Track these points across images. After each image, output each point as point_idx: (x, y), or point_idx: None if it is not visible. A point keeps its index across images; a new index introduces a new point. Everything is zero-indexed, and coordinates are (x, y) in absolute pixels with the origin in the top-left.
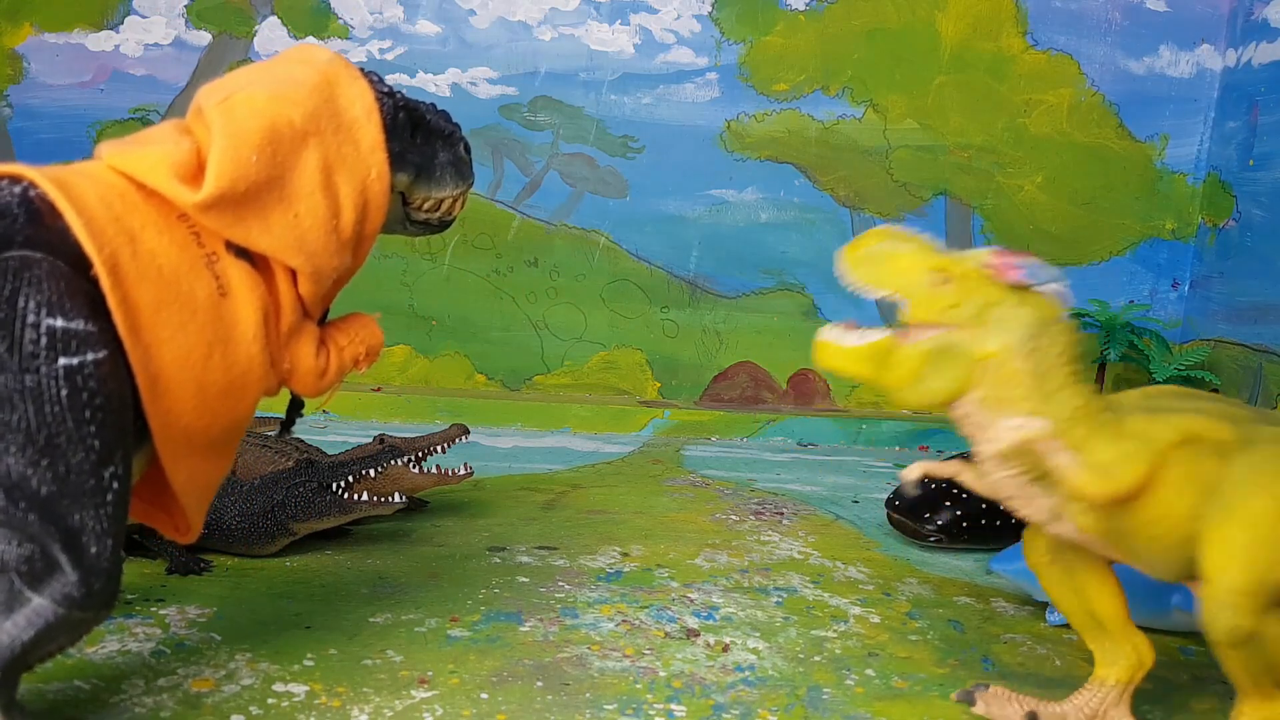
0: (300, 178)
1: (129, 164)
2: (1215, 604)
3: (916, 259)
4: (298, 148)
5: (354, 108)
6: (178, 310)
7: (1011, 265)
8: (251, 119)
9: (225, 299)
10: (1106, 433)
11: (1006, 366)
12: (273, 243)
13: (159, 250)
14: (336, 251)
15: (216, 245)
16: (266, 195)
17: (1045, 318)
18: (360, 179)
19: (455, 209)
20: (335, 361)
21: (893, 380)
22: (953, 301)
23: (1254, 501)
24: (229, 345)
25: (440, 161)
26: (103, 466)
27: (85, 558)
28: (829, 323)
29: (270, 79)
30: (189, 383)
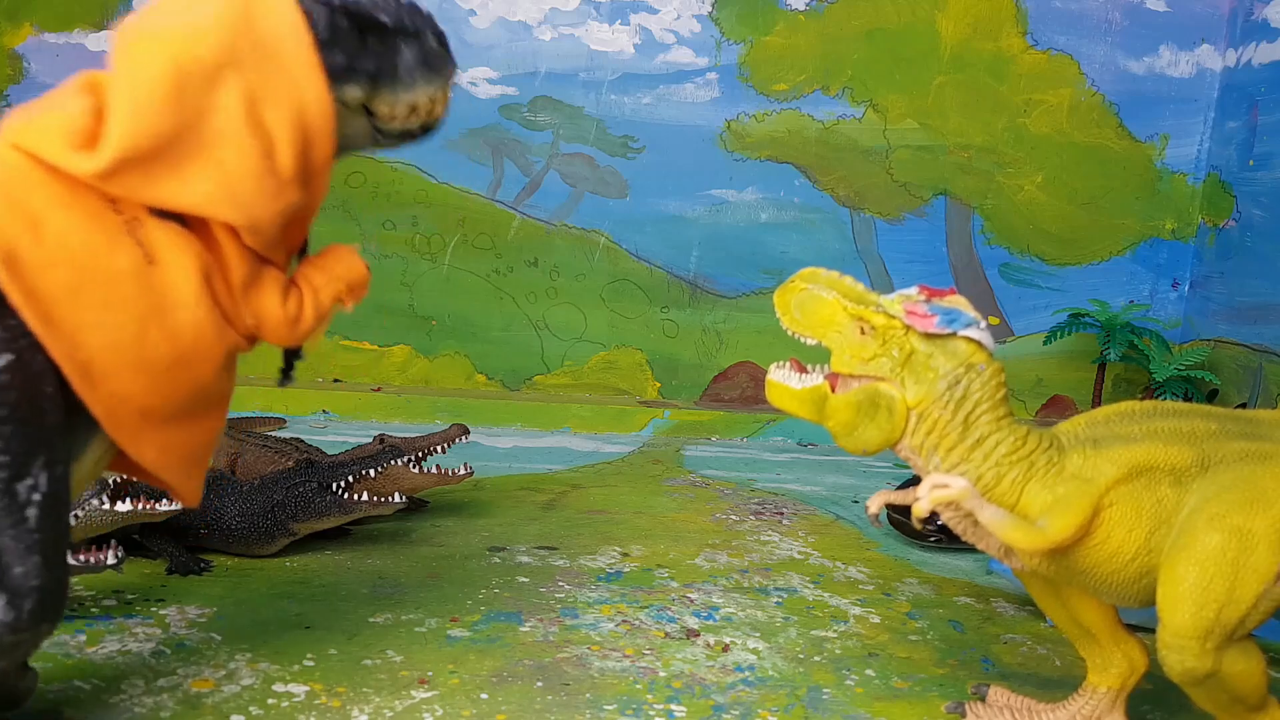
0: (219, 119)
1: (24, 138)
2: (1166, 647)
3: (837, 307)
4: (211, 86)
5: (278, 27)
6: (98, 289)
7: (926, 314)
8: (151, 63)
9: (154, 266)
10: (1044, 476)
11: (929, 416)
12: (195, 199)
13: (68, 228)
14: (276, 193)
15: (136, 210)
16: (179, 147)
17: (965, 365)
18: (294, 107)
19: (437, 110)
20: (311, 305)
21: (830, 427)
22: (874, 353)
23: (1205, 538)
24: (167, 314)
25: (404, 61)
26: (15, 482)
27: (8, 580)
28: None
29: (177, 8)
30: (128, 363)
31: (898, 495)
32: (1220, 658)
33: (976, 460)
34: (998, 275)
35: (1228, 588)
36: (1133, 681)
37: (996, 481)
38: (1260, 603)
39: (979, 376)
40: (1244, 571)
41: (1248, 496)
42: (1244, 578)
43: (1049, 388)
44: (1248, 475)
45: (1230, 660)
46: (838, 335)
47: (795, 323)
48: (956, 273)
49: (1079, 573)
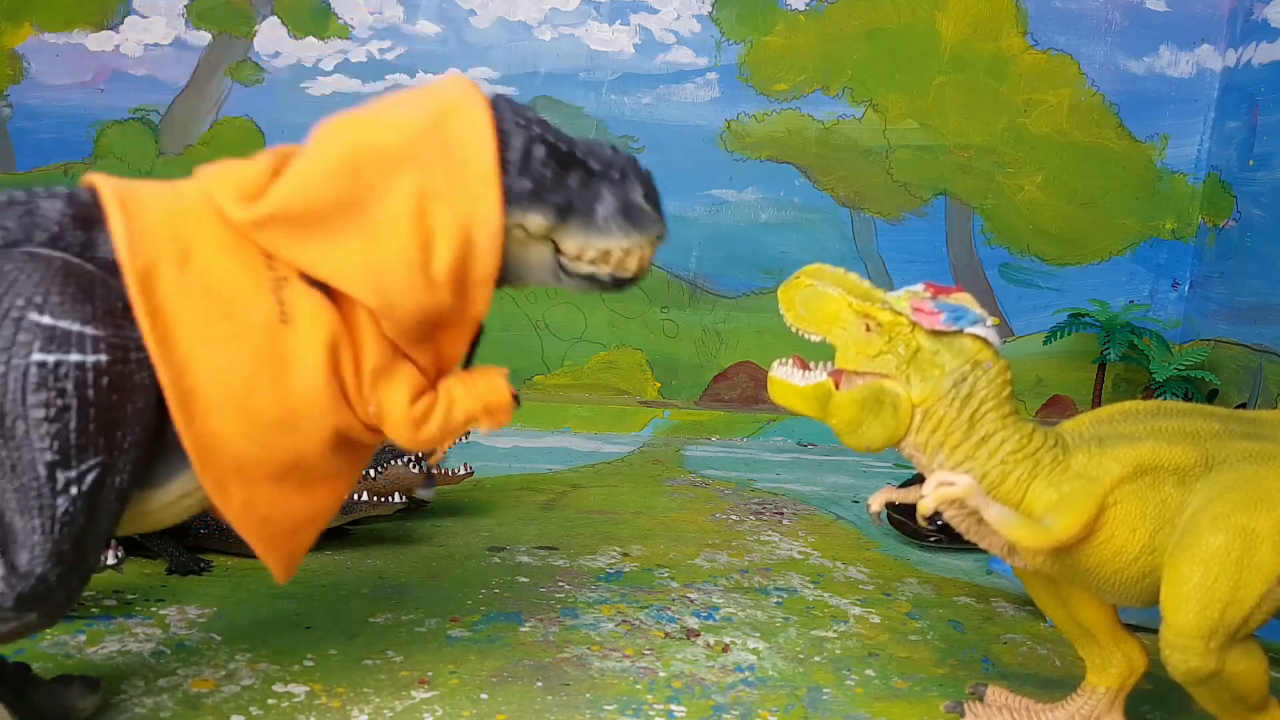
0: (387, 206)
1: (208, 181)
2: (1169, 646)
3: (843, 304)
4: (389, 173)
5: (467, 136)
6: (224, 328)
7: (932, 311)
8: (338, 140)
9: (286, 326)
10: (1048, 474)
11: (935, 414)
12: (337, 271)
13: (216, 267)
14: (423, 289)
15: (290, 272)
16: (340, 220)
17: (971, 362)
18: (464, 214)
19: (631, 264)
20: (442, 414)
21: (833, 424)
22: (879, 350)
23: (1209, 537)
24: (283, 373)
25: (605, 206)
26: (58, 469)
27: (16, 559)
28: (781, 359)
29: (385, 103)
30: (232, 406)
31: (900, 493)
32: (1223, 657)
33: (981, 458)
34: (998, 275)
35: (1232, 587)
36: (1132, 682)
37: (1001, 479)
38: (1264, 602)
39: (985, 374)
40: (1248, 571)
41: (1251, 496)
42: (1248, 577)
43: (1049, 388)
44: (1251, 475)
45: (1233, 660)
46: (843, 332)
47: (800, 319)
48: (957, 273)
49: (1082, 571)
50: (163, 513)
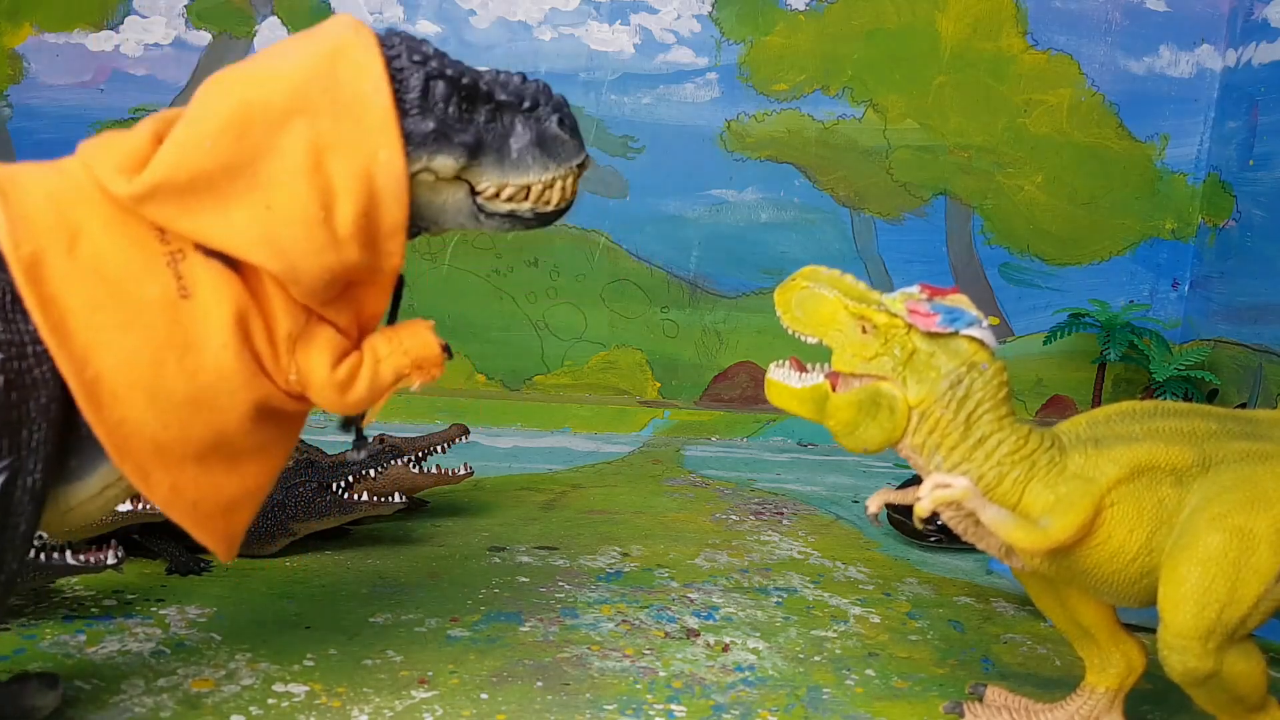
0: (277, 163)
1: (88, 156)
2: (1167, 647)
3: (839, 306)
4: (276, 129)
5: (359, 81)
6: (120, 311)
7: (928, 314)
8: (219, 100)
9: (187, 300)
10: (1045, 475)
11: (932, 416)
12: (232, 238)
13: (104, 247)
14: (327, 247)
15: (185, 244)
16: (228, 184)
17: (967, 364)
18: (363, 163)
19: (554, 196)
20: (368, 374)
21: (831, 426)
22: (875, 352)
23: (1207, 538)
24: (189, 350)
25: (517, 140)
26: None
27: None
28: (778, 361)
29: (268, 53)
30: (140, 390)
31: (898, 495)
32: (1221, 658)
33: (978, 459)
34: (998, 275)
35: (1229, 588)
36: (1131, 681)
37: (998, 481)
38: (1262, 603)
39: (981, 375)
40: (1245, 572)
41: (1249, 496)
42: (1245, 578)
43: (1049, 388)
44: (1249, 475)
45: (1231, 661)
46: (839, 334)
47: (796, 321)
48: (956, 273)
49: (1080, 572)
50: (87, 506)
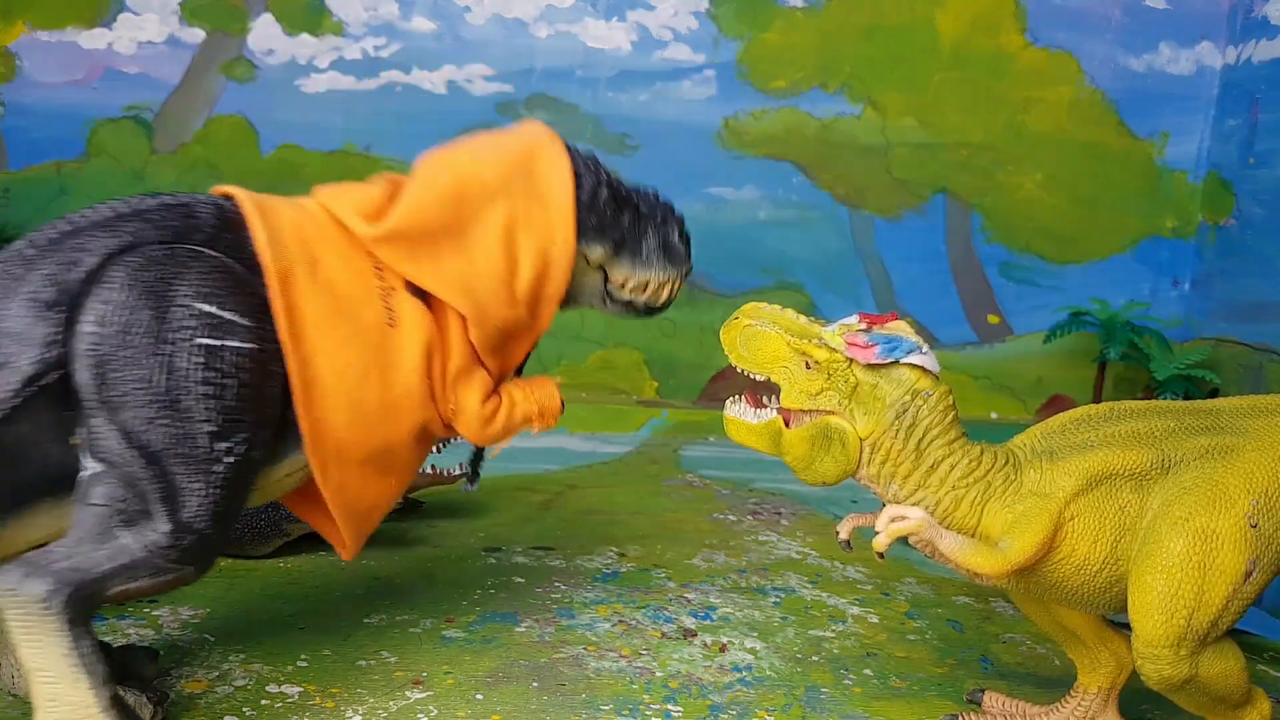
0: (481, 230)
1: (327, 199)
2: (1140, 657)
3: (781, 343)
4: (484, 202)
5: (550, 177)
6: (342, 327)
7: (866, 345)
8: (444, 173)
9: (393, 329)
10: (1002, 495)
11: (882, 446)
12: (441, 283)
13: (337, 275)
14: (507, 304)
15: (396, 282)
16: (444, 240)
17: (911, 392)
18: (543, 242)
19: (663, 294)
20: (505, 414)
21: (788, 461)
22: (820, 387)
23: (1170, 543)
24: (389, 370)
25: (648, 243)
26: (218, 439)
27: (180, 514)
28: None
29: (479, 144)
30: (343, 395)
31: (868, 519)
32: (1196, 662)
33: (933, 485)
34: (997, 273)
35: (1196, 593)
36: (1123, 679)
37: (955, 505)
38: (1231, 603)
39: (926, 402)
40: (1211, 574)
41: (1210, 496)
42: (1212, 580)
43: (1049, 387)
44: (1210, 474)
45: (1207, 663)
46: (785, 370)
47: (742, 359)
48: (956, 271)
49: (1049, 587)
50: (272, 487)
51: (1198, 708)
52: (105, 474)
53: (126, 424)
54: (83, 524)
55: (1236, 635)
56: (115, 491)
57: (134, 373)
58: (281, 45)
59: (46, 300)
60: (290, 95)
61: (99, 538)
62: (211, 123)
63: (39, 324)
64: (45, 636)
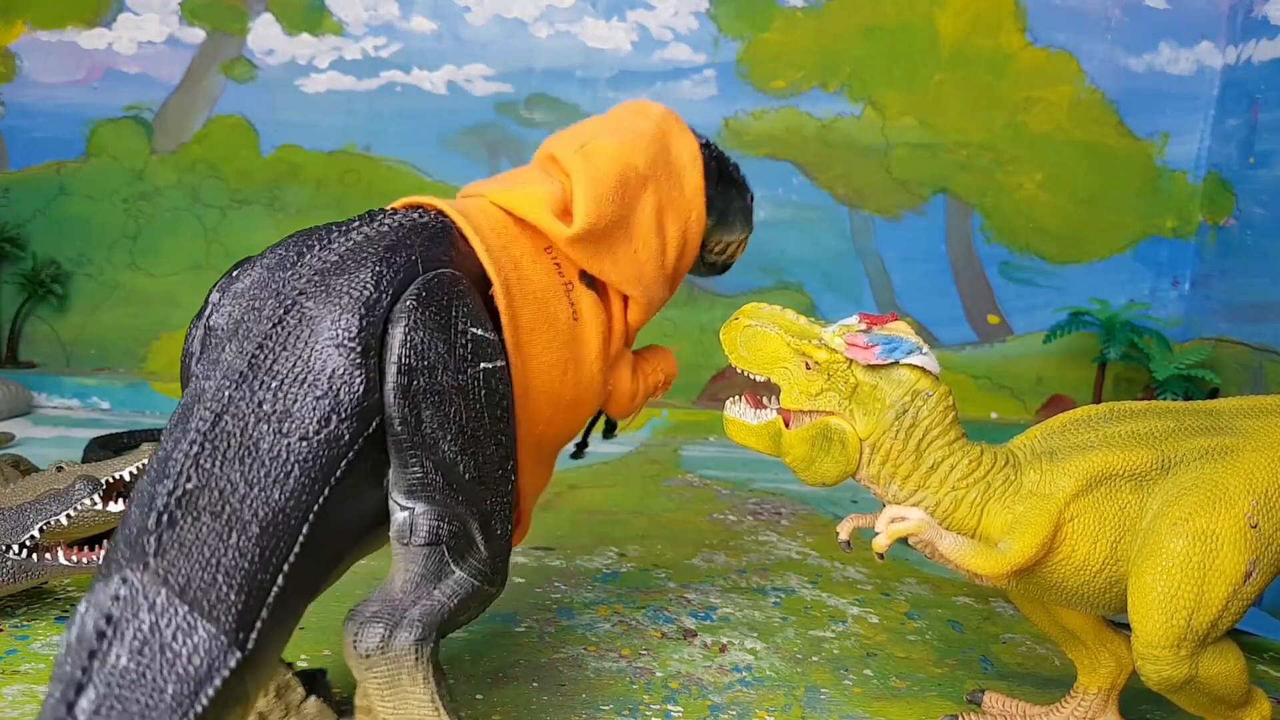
0: (640, 217)
1: (510, 200)
2: (1140, 658)
3: (781, 343)
4: (640, 191)
5: (682, 156)
6: (546, 330)
7: (866, 346)
8: (607, 164)
9: (578, 323)
10: (1002, 495)
11: (882, 447)
12: (619, 274)
13: (533, 277)
14: (665, 284)
15: (572, 275)
16: (617, 232)
17: (911, 392)
18: (684, 220)
19: (737, 253)
20: (643, 386)
21: (787, 461)
22: (820, 387)
23: (1169, 544)
24: (579, 365)
25: (735, 208)
26: (507, 460)
27: (493, 538)
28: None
29: (617, 129)
30: (547, 394)
31: (868, 519)
32: (1196, 663)
33: (933, 486)
34: (997, 273)
35: (1195, 593)
36: (1123, 679)
37: (955, 506)
38: (1231, 604)
39: (926, 403)
40: (1211, 575)
41: (1210, 497)
42: (1211, 581)
43: (1049, 387)
44: (1209, 474)
45: (1207, 664)
46: (785, 371)
47: (742, 360)
48: (956, 271)
49: (1049, 587)
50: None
51: (1198, 708)
52: (428, 511)
53: (442, 459)
54: (414, 565)
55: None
56: (443, 528)
57: (442, 409)
58: (281, 45)
59: (356, 345)
60: (290, 95)
61: (436, 576)
62: (211, 123)
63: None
64: (414, 687)
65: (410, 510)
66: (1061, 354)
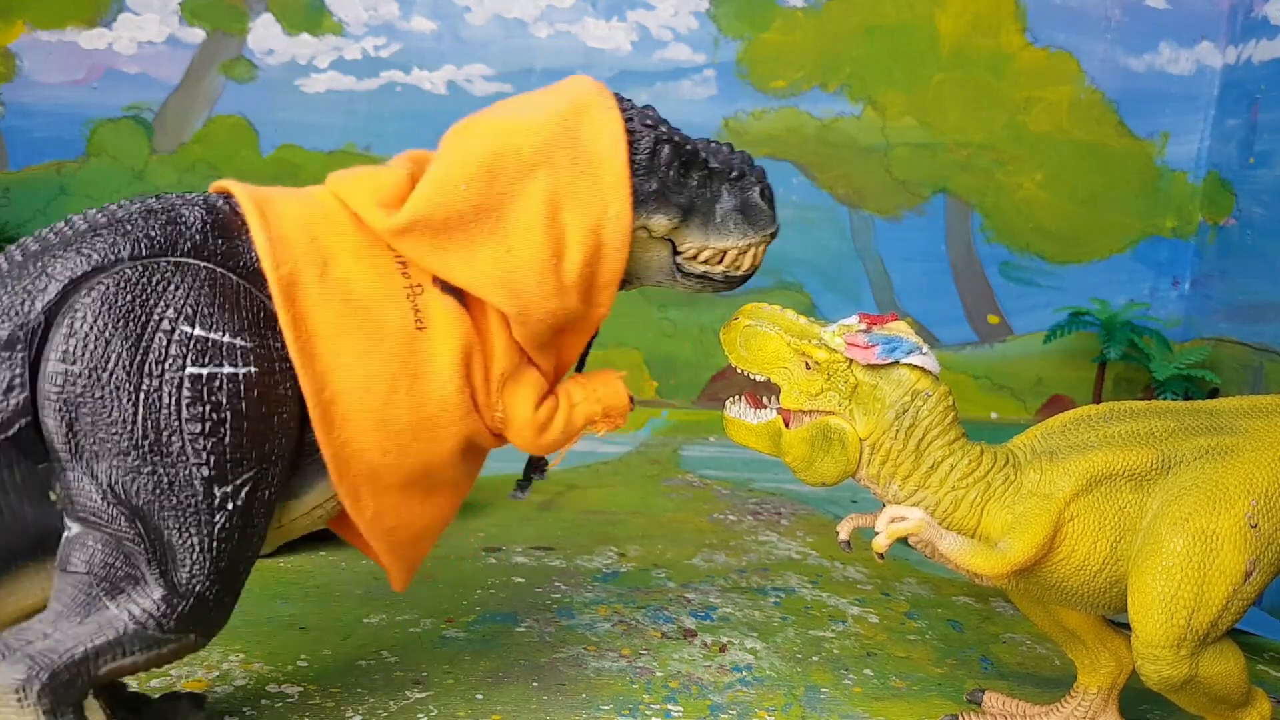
0: (520, 210)
1: (341, 187)
2: (1140, 657)
3: (782, 343)
4: (521, 178)
5: (599, 139)
6: (361, 337)
7: (866, 346)
8: (476, 146)
9: (422, 333)
10: (1002, 495)
11: (882, 446)
12: (474, 277)
13: (353, 276)
14: (553, 294)
15: (424, 278)
16: (476, 225)
17: (911, 392)
18: (593, 217)
19: (744, 262)
20: (563, 418)
21: (787, 461)
22: (820, 387)
23: (1170, 544)
24: (419, 381)
25: (722, 206)
26: (215, 484)
27: (176, 575)
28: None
29: (514, 105)
30: (369, 414)
31: (868, 519)
32: (1196, 663)
33: (933, 486)
34: (997, 273)
35: (1196, 593)
36: (1123, 679)
37: (955, 506)
38: (1231, 604)
39: (926, 403)
40: (1211, 575)
41: (1210, 497)
42: (1212, 581)
43: (1049, 387)
44: (1209, 474)
45: (1207, 663)
46: (785, 371)
47: (742, 360)
48: (956, 271)
49: (1049, 587)
50: (296, 524)
51: (1198, 708)
52: (85, 535)
53: (106, 476)
54: (62, 595)
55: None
56: (98, 555)
57: (110, 416)
58: (281, 45)
59: (4, 338)
60: (290, 95)
61: (82, 610)
62: (211, 123)
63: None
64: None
65: (67, 532)
66: (1061, 354)
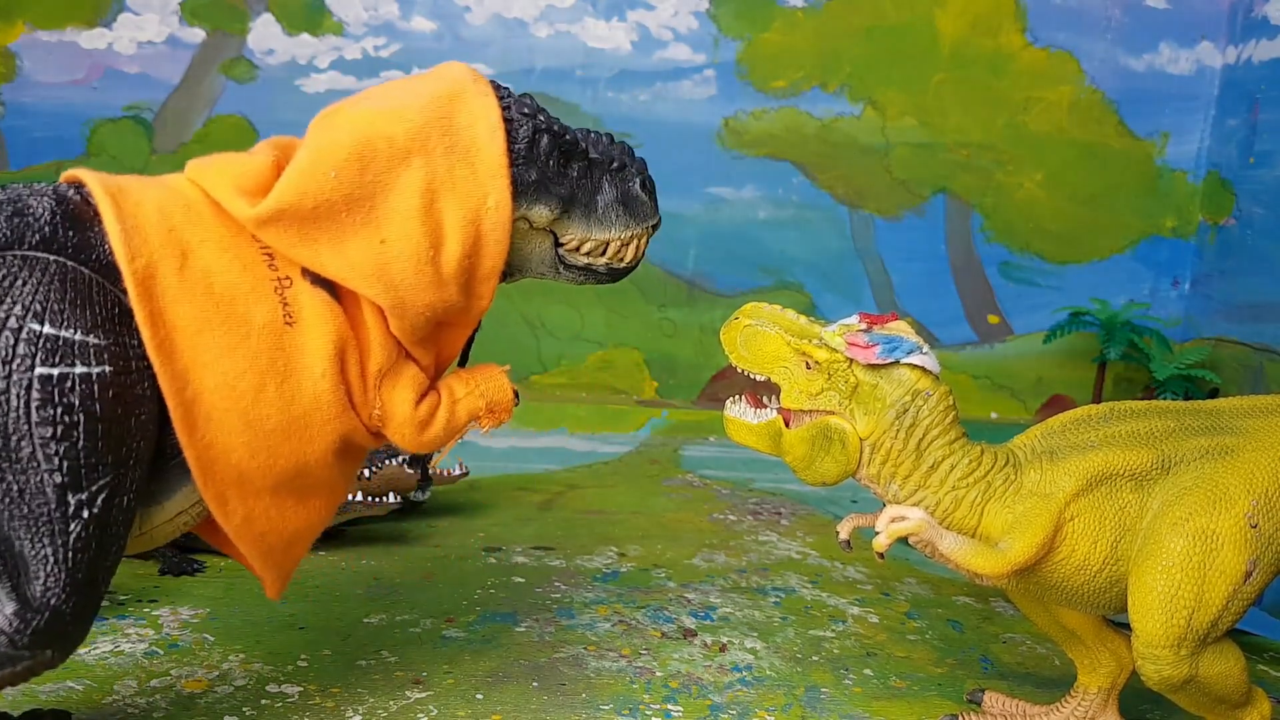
0: (394, 199)
1: (200, 175)
2: (1140, 657)
3: (782, 343)
4: (395, 166)
5: (476, 127)
6: (225, 332)
7: (866, 345)
8: (346, 132)
9: (291, 328)
10: (1002, 495)
11: (882, 446)
12: (344, 268)
13: (216, 268)
14: (431, 285)
15: (292, 270)
16: (347, 215)
17: (911, 392)
18: (472, 206)
19: (628, 254)
20: (445, 414)
21: (788, 461)
22: (821, 387)
23: (1170, 544)
24: (289, 378)
25: (603, 197)
26: (69, 491)
27: (27, 589)
28: (734, 397)
29: (384, 92)
30: (235, 413)
31: (868, 519)
32: (1196, 663)
33: (934, 486)
34: (997, 273)
35: (1196, 593)
36: (1123, 679)
37: (955, 505)
38: (1231, 604)
39: (926, 403)
40: (1211, 575)
41: (1210, 497)
42: (1212, 581)
43: (1049, 387)
44: (1209, 474)
45: (1207, 663)
46: (785, 371)
47: (742, 360)
48: (956, 271)
49: (1049, 587)
50: (159, 531)
51: (1198, 708)
52: None
53: None
54: None
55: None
56: None
57: None
58: (281, 45)
59: None
60: (290, 95)
61: None
62: (211, 123)
63: None
64: None
65: None
66: (1061, 354)
